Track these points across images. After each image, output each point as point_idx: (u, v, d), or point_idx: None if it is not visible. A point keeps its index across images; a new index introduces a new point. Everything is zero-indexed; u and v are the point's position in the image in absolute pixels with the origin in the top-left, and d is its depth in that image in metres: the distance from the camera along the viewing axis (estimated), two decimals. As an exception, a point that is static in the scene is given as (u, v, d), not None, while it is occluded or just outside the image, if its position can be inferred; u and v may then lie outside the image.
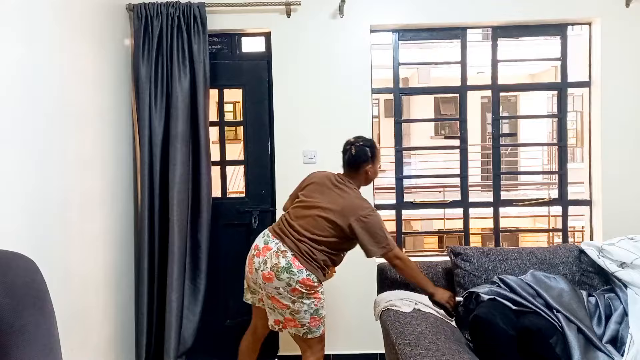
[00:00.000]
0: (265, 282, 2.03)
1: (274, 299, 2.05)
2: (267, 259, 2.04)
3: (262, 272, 2.04)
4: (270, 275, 2.01)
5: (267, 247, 2.08)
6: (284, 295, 2.02)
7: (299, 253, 2.02)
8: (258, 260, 2.08)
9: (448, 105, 10.44)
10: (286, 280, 1.99)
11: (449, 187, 7.95)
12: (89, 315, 2.27)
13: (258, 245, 2.13)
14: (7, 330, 0.70)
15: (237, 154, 3.84)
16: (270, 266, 2.02)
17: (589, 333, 1.78)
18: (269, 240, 2.10)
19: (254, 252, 2.13)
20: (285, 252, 2.03)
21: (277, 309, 2.07)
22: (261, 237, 2.16)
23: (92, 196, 2.32)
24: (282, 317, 2.08)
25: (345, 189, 2.13)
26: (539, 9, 2.92)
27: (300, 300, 2.02)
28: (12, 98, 1.69)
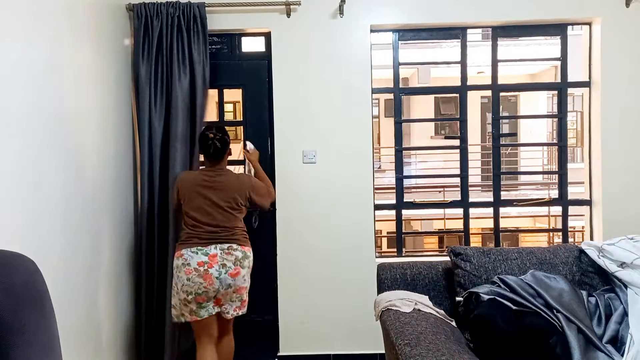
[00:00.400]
0: (235, 278, 2.26)
1: (240, 288, 2.32)
2: (223, 262, 2.25)
3: (227, 274, 2.24)
4: (237, 269, 2.27)
5: (212, 255, 2.24)
6: (247, 279, 2.34)
7: (240, 241, 2.33)
8: (214, 269, 2.23)
9: (448, 105, 10.44)
10: (247, 266, 2.32)
11: (449, 187, 7.95)
12: (89, 315, 2.27)
13: (202, 261, 2.23)
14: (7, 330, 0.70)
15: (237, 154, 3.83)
16: (232, 264, 2.26)
17: (589, 333, 1.78)
18: (207, 251, 2.25)
19: (204, 268, 2.21)
20: (232, 247, 2.29)
21: (240, 296, 2.34)
22: (195, 255, 2.23)
23: (92, 196, 2.32)
24: (241, 301, 2.36)
25: (222, 179, 2.35)
26: (538, 8, 2.92)
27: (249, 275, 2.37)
28: (12, 98, 1.69)
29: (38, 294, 0.77)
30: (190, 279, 2.20)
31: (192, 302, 2.24)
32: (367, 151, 2.97)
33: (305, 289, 2.99)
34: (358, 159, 2.97)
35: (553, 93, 8.78)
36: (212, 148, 2.31)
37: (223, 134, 2.36)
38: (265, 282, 3.03)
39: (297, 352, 3.00)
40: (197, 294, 2.22)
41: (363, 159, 2.97)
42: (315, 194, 2.98)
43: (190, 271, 2.20)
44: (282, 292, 3.00)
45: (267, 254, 3.02)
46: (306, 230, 2.98)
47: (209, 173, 2.36)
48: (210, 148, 2.31)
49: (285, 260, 2.99)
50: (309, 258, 2.98)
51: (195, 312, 2.27)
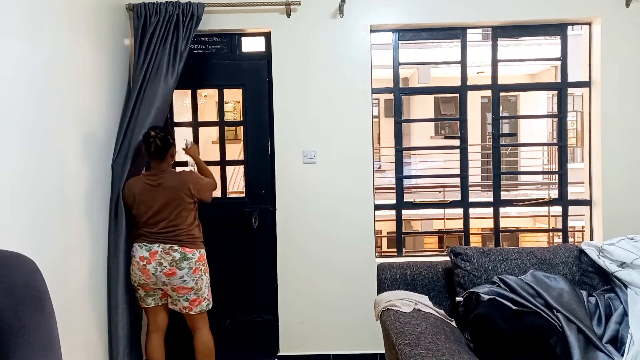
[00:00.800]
0: (169, 278, 2.34)
1: (179, 288, 2.37)
2: (160, 260, 2.33)
3: (162, 272, 2.33)
4: (172, 270, 2.33)
5: (153, 252, 2.34)
6: (188, 281, 2.36)
7: (183, 242, 2.36)
8: (151, 266, 2.34)
9: (448, 105, 10.44)
10: (187, 267, 2.34)
11: (449, 187, 7.95)
12: (89, 315, 2.27)
13: (143, 256, 2.36)
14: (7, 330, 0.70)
15: (237, 154, 3.84)
16: (167, 264, 2.33)
17: (589, 333, 1.78)
18: (150, 247, 2.35)
19: (143, 263, 2.35)
20: (172, 248, 2.34)
21: (182, 296, 2.39)
22: (140, 249, 2.37)
23: (92, 196, 2.32)
24: (188, 300, 2.41)
25: (163, 180, 2.39)
26: (539, 8, 2.92)
27: (200, 278, 2.41)
28: (11, 97, 1.69)
29: (38, 294, 0.77)
30: (133, 270, 2.41)
31: (139, 289, 2.45)
32: (367, 151, 2.97)
33: (305, 289, 2.99)
34: (358, 159, 2.97)
35: (553, 93, 8.78)
36: (152, 146, 2.38)
37: (166, 134, 2.43)
38: (265, 282, 3.03)
39: (297, 352, 3.00)
40: (140, 284, 2.42)
41: (363, 159, 2.97)
42: (315, 194, 2.98)
43: (134, 263, 2.39)
44: (282, 292, 3.00)
45: (267, 254, 3.02)
46: (306, 230, 2.98)
47: (151, 177, 2.42)
48: (152, 146, 2.38)
49: (285, 260, 2.99)
50: (309, 258, 2.98)
51: (143, 299, 2.47)
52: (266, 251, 3.02)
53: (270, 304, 3.03)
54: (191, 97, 3.09)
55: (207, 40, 3.03)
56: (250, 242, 3.02)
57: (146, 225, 2.39)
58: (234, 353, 3.04)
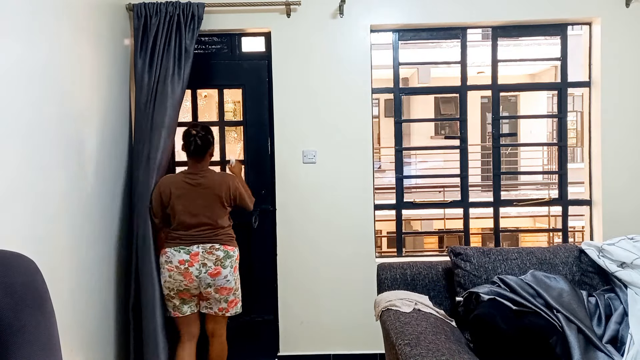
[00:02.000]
0: (215, 278, 2.28)
1: (222, 289, 2.32)
2: (204, 261, 2.27)
3: (207, 273, 2.27)
4: (217, 269, 2.28)
5: (194, 254, 2.28)
6: (230, 280, 2.33)
7: (223, 241, 2.33)
8: (194, 268, 2.27)
9: (448, 105, 10.44)
10: (230, 265, 2.32)
11: (449, 187, 7.95)
12: (89, 315, 2.27)
13: (183, 259, 2.28)
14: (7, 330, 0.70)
15: (237, 154, 3.83)
16: (212, 264, 2.28)
17: (589, 333, 1.78)
18: (190, 250, 2.29)
19: (184, 266, 2.27)
20: (214, 247, 2.30)
21: (223, 297, 2.34)
22: (178, 254, 2.29)
23: (92, 195, 2.32)
24: (227, 302, 2.36)
25: (204, 180, 2.35)
26: (539, 8, 2.92)
27: (238, 278, 2.41)
28: (11, 98, 1.69)
29: (38, 294, 0.77)
30: (171, 276, 2.30)
31: (174, 297, 2.35)
32: (367, 151, 2.97)
33: (305, 289, 2.99)
34: (358, 159, 2.97)
35: (553, 93, 8.78)
36: (193, 145, 2.32)
37: (206, 132, 2.37)
38: (265, 282, 3.03)
39: (297, 352, 3.00)
40: (179, 291, 2.32)
41: (363, 159, 2.97)
42: (315, 194, 2.98)
43: (172, 269, 2.29)
44: (282, 292, 3.00)
45: (267, 254, 3.02)
46: (306, 231, 2.98)
47: (191, 175, 2.36)
48: (192, 145, 2.32)
49: (285, 260, 2.99)
50: (309, 258, 2.98)
51: (178, 307, 2.38)
52: (266, 251, 3.02)
53: (270, 304, 3.03)
54: (191, 97, 3.09)
55: (207, 40, 3.03)
56: (250, 242, 3.02)
57: (182, 225, 2.31)
58: (234, 353, 3.04)
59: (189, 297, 2.35)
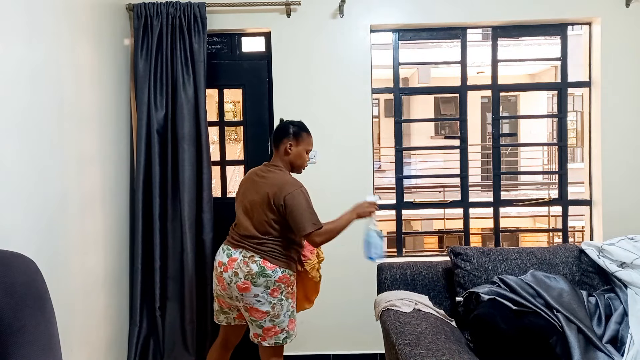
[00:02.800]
0: (243, 293, 1.98)
1: (252, 309, 2.00)
2: (237, 270, 2.00)
3: (235, 284, 1.99)
4: (246, 284, 1.97)
5: (232, 259, 2.03)
6: (263, 302, 1.98)
7: (265, 254, 2.00)
8: (227, 274, 2.01)
9: (448, 105, 10.44)
10: (264, 285, 1.97)
11: (449, 187, 7.95)
12: (89, 315, 2.27)
13: (222, 261, 2.05)
14: (7, 330, 0.70)
15: (237, 154, 3.83)
16: (243, 276, 1.98)
17: (589, 333, 1.78)
18: (231, 253, 2.04)
19: (220, 269, 2.05)
20: (252, 257, 2.00)
21: (256, 321, 2.02)
22: (222, 252, 2.09)
23: (92, 195, 2.32)
24: (261, 328, 2.02)
25: (269, 174, 2.08)
26: (539, 8, 2.92)
27: (280, 303, 2.01)
28: (11, 97, 1.69)
29: (38, 293, 0.77)
30: (213, 275, 2.13)
31: (216, 300, 2.17)
32: (367, 151, 2.97)
33: (305, 289, 2.98)
34: (358, 159, 2.96)
35: (553, 93, 8.78)
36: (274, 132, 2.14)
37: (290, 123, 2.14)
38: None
39: (297, 352, 3.00)
40: (217, 295, 2.13)
41: (363, 158, 2.97)
42: (315, 194, 2.94)
43: (214, 268, 2.12)
44: (282, 292, 2.99)
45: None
46: (306, 230, 2.97)
47: (263, 167, 2.14)
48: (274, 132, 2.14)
49: (285, 260, 2.99)
50: (309, 258, 2.98)
51: (216, 313, 2.19)
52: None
53: (270, 304, 3.02)
54: (191, 97, 3.09)
55: (207, 40, 3.02)
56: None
57: (237, 222, 2.12)
58: (234, 353, 3.03)
59: (226, 306, 2.13)
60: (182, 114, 2.73)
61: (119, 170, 2.66)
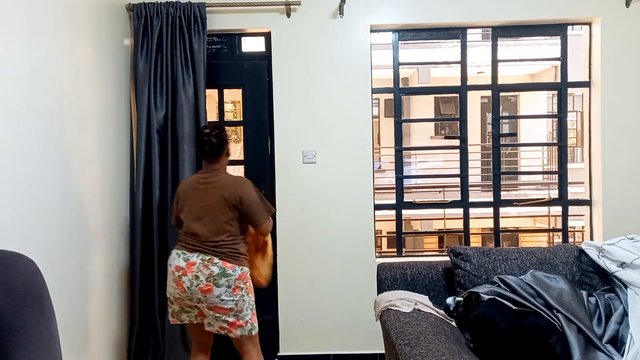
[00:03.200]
0: (206, 295, 2.06)
1: (216, 308, 2.08)
2: (197, 273, 2.07)
3: (197, 287, 2.06)
4: (209, 286, 2.06)
5: (190, 263, 2.09)
6: (226, 300, 2.08)
7: (224, 255, 2.10)
8: (187, 278, 2.08)
9: (448, 105, 10.44)
10: (225, 285, 2.07)
11: (449, 187, 7.95)
12: (89, 315, 2.27)
13: (179, 266, 2.10)
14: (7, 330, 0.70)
15: (237, 154, 3.82)
16: (205, 279, 2.06)
17: (589, 333, 1.78)
18: (188, 257, 2.10)
19: (179, 273, 2.09)
20: (212, 260, 2.08)
21: (220, 316, 2.10)
22: (177, 257, 2.13)
23: (92, 195, 2.32)
24: (226, 322, 2.11)
25: (214, 179, 2.19)
26: (539, 8, 2.92)
27: (242, 299, 2.12)
28: (11, 97, 1.69)
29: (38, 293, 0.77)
30: (169, 281, 2.17)
31: (174, 303, 2.18)
32: (367, 151, 2.97)
33: (305, 289, 2.99)
34: (358, 159, 2.97)
35: (553, 93, 8.78)
36: (207, 145, 2.18)
37: (220, 131, 2.24)
38: (265, 282, 3.03)
39: (297, 352, 3.00)
40: (175, 298, 2.16)
41: (363, 158, 2.97)
42: (315, 194, 2.98)
43: (170, 273, 2.16)
44: (282, 292, 3.00)
45: (267, 254, 3.01)
46: (306, 230, 2.98)
47: (203, 175, 2.23)
48: (206, 145, 2.19)
49: (285, 260, 2.99)
50: (309, 258, 2.98)
51: (176, 314, 2.21)
52: (266, 251, 3.01)
53: (270, 304, 3.03)
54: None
55: (207, 40, 3.02)
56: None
57: (189, 230, 2.16)
58: (234, 353, 3.03)
59: (187, 306, 2.17)
60: (182, 114, 2.74)
61: (119, 170, 2.66)
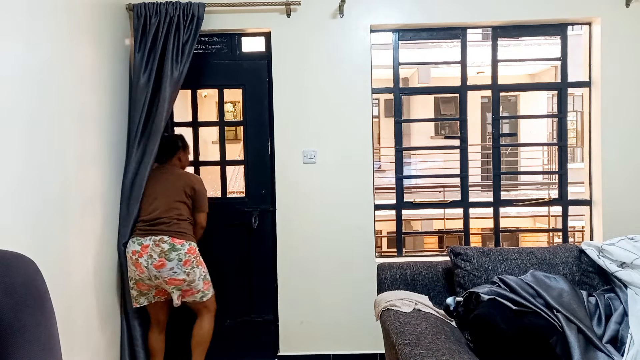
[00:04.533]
0: (160, 270, 2.37)
1: (171, 280, 2.39)
2: (151, 253, 2.38)
3: (152, 265, 2.37)
4: (161, 261, 2.37)
5: (144, 246, 2.40)
6: (178, 272, 2.39)
7: (173, 232, 2.42)
8: (143, 259, 2.38)
9: (448, 105, 10.44)
10: (176, 258, 2.38)
11: (449, 187, 7.96)
12: (89, 315, 2.27)
13: (136, 250, 2.41)
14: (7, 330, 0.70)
15: (237, 154, 3.82)
16: (157, 255, 2.37)
17: (589, 333, 1.78)
18: (142, 241, 2.41)
19: (135, 257, 2.40)
20: (162, 239, 2.40)
21: (175, 287, 2.42)
22: (132, 244, 2.44)
23: (92, 195, 2.32)
24: (180, 290, 2.44)
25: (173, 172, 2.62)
26: (538, 8, 2.92)
27: (192, 271, 2.43)
28: (11, 97, 1.69)
29: (38, 293, 0.77)
30: (129, 266, 2.46)
31: (133, 287, 2.49)
32: (367, 151, 2.97)
33: (305, 289, 2.99)
34: (358, 159, 2.97)
35: (553, 93, 8.78)
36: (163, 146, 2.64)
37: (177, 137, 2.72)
38: (265, 282, 3.03)
39: (297, 352, 3.00)
40: (135, 280, 2.46)
41: (363, 159, 2.97)
42: (315, 194, 2.98)
43: (129, 259, 2.45)
44: (282, 292, 3.00)
45: (267, 254, 3.02)
46: (306, 230, 2.98)
47: (165, 168, 2.65)
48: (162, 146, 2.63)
49: (285, 260, 2.99)
50: (309, 258, 2.98)
51: (136, 298, 2.51)
52: (266, 251, 3.02)
53: (270, 304, 3.03)
54: (191, 97, 3.09)
55: (207, 40, 3.03)
56: (250, 242, 3.02)
57: (143, 215, 2.50)
58: (234, 353, 3.04)
59: (146, 288, 2.47)
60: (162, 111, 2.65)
61: (118, 169, 2.66)
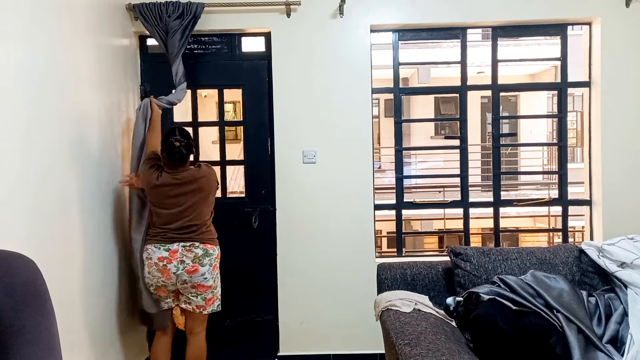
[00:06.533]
0: (192, 275, 2.30)
1: (199, 286, 2.33)
2: (182, 258, 2.29)
3: (184, 270, 2.29)
4: (195, 266, 2.30)
5: (173, 252, 2.30)
6: (208, 278, 2.34)
7: (204, 238, 2.34)
8: (172, 265, 2.29)
9: (448, 105, 10.44)
10: (208, 264, 2.33)
11: (449, 187, 7.95)
12: (89, 315, 2.27)
13: (163, 256, 2.30)
14: (7, 330, 0.70)
15: (237, 154, 3.82)
16: (190, 261, 2.29)
17: (589, 333, 1.78)
18: (169, 247, 2.31)
19: (163, 263, 2.29)
20: (193, 245, 2.31)
21: (200, 294, 2.36)
22: (157, 250, 2.31)
23: (92, 195, 2.32)
24: (205, 299, 2.37)
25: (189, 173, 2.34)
26: (539, 8, 2.92)
27: (217, 276, 2.41)
28: (12, 98, 1.69)
29: (38, 293, 0.76)
30: (150, 273, 2.34)
31: (156, 291, 2.39)
32: (367, 151, 2.97)
33: (305, 289, 2.99)
34: (358, 159, 2.97)
35: (553, 93, 8.78)
36: (177, 155, 2.29)
37: (187, 139, 2.33)
38: (265, 282, 3.03)
39: (297, 352, 3.00)
40: (157, 287, 2.36)
41: (363, 158, 2.97)
42: (315, 194, 2.98)
43: (152, 265, 2.32)
44: (282, 292, 3.00)
45: (267, 254, 3.02)
46: (306, 230, 2.98)
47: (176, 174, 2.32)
48: (176, 155, 2.29)
49: (285, 260, 2.99)
50: (309, 258, 2.98)
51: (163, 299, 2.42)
52: (266, 251, 3.02)
53: (270, 304, 3.03)
54: (191, 97, 3.09)
55: (207, 40, 3.03)
56: (250, 242, 3.02)
57: (167, 224, 2.32)
58: (234, 353, 3.04)
59: (165, 293, 2.39)
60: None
61: (118, 169, 2.66)
